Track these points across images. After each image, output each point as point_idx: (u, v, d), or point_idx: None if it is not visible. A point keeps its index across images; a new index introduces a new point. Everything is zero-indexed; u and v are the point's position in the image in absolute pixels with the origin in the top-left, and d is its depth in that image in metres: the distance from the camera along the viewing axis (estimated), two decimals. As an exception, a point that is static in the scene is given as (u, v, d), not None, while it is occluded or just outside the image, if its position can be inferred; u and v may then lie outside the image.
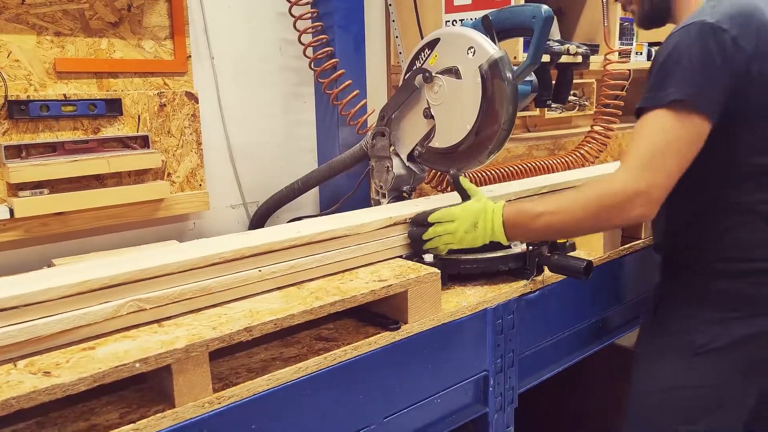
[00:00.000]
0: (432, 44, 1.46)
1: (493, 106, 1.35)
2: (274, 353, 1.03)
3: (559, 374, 1.52)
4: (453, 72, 1.41)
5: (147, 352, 0.83)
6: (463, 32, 1.41)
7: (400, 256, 1.27)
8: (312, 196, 2.01)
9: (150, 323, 0.93)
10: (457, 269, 1.32)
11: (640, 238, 1.66)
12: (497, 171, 1.85)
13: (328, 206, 1.91)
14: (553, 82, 2.20)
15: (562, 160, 1.97)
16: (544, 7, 1.35)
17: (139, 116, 1.64)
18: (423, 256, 1.27)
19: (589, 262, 1.26)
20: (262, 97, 1.95)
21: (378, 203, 1.64)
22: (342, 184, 1.86)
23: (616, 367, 1.92)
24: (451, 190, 1.79)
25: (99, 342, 0.87)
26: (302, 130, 2.02)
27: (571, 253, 1.55)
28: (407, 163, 1.56)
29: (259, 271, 1.04)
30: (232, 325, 0.92)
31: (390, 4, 2.18)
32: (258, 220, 1.91)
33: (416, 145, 1.52)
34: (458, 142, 1.42)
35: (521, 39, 1.86)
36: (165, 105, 1.67)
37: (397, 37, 2.18)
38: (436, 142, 1.47)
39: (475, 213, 1.23)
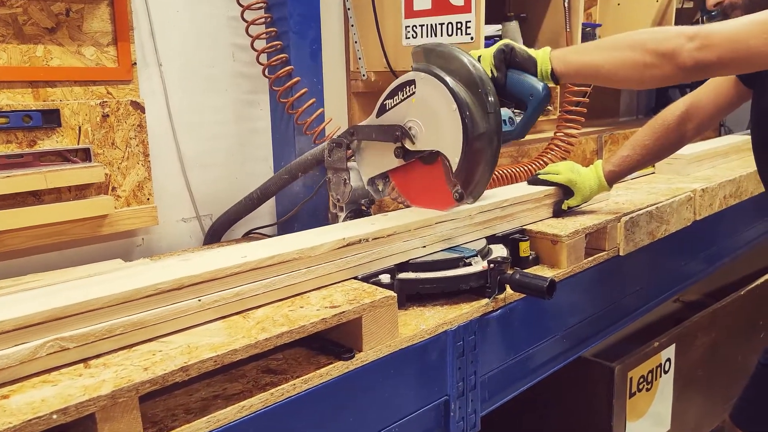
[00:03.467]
0: (410, 84, 1.33)
1: (473, 168, 1.28)
2: (217, 389, 0.95)
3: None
4: (432, 118, 1.31)
5: (67, 401, 0.74)
6: (441, 76, 1.29)
7: (356, 277, 1.20)
8: (268, 206, 1.93)
9: (75, 363, 0.85)
10: (415, 290, 1.26)
11: (604, 250, 1.63)
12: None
13: (284, 215, 1.84)
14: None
15: (526, 168, 1.93)
16: (542, 86, 1.27)
17: (79, 127, 1.54)
18: (379, 277, 1.21)
19: (552, 281, 1.22)
20: (215, 104, 1.86)
21: (336, 217, 1.57)
22: (299, 194, 1.78)
23: (581, 379, 1.89)
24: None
25: (14, 389, 0.79)
26: (257, 139, 1.94)
27: (534, 268, 1.52)
28: (366, 187, 1.49)
29: (199, 300, 0.96)
30: (166, 365, 0.84)
31: (349, 9, 2.12)
32: (215, 234, 1.83)
33: (380, 175, 1.46)
34: None
35: (482, 47, 1.81)
36: (108, 115, 1.58)
37: (356, 42, 2.12)
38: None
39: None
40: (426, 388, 1.19)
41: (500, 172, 1.92)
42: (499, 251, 1.43)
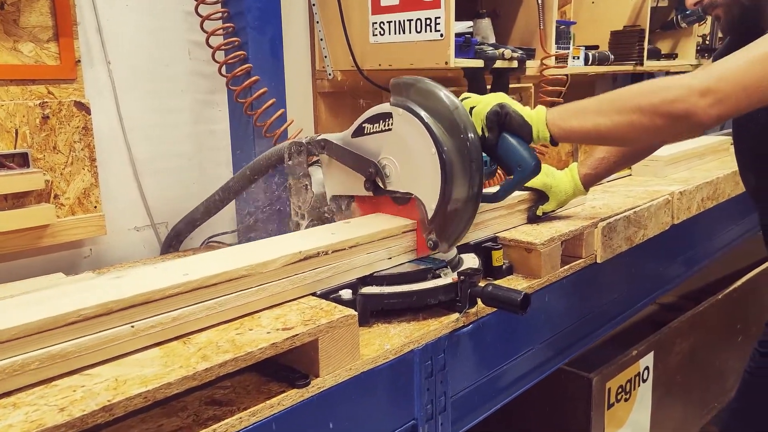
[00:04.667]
0: (385, 116, 1.23)
1: (449, 222, 1.19)
2: (151, 426, 0.85)
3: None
4: (407, 153, 1.21)
5: (-38, 453, 0.64)
6: (420, 114, 1.17)
7: (314, 294, 1.10)
8: (229, 212, 1.82)
9: (-18, 403, 0.74)
10: (380, 305, 1.17)
11: (581, 257, 1.55)
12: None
13: (245, 222, 1.73)
14: (489, 87, 2.08)
15: (499, 172, 1.84)
16: (533, 163, 1.20)
17: (16, 130, 1.41)
18: (340, 292, 1.11)
19: (526, 295, 1.13)
20: (170, 105, 1.75)
21: (297, 225, 1.47)
22: (260, 199, 1.68)
23: (558, 390, 1.81)
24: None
25: None
26: (216, 141, 1.83)
27: (508, 277, 1.44)
28: (329, 202, 1.39)
29: (132, 327, 0.86)
30: (87, 404, 0.73)
31: (314, 4, 2.02)
32: (173, 242, 1.71)
33: (345, 196, 1.36)
34: None
35: (452, 45, 1.72)
36: (49, 117, 1.46)
37: (322, 39, 2.02)
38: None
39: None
40: (391, 412, 1.10)
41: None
42: (471, 261, 1.34)
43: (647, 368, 2.02)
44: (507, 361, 1.37)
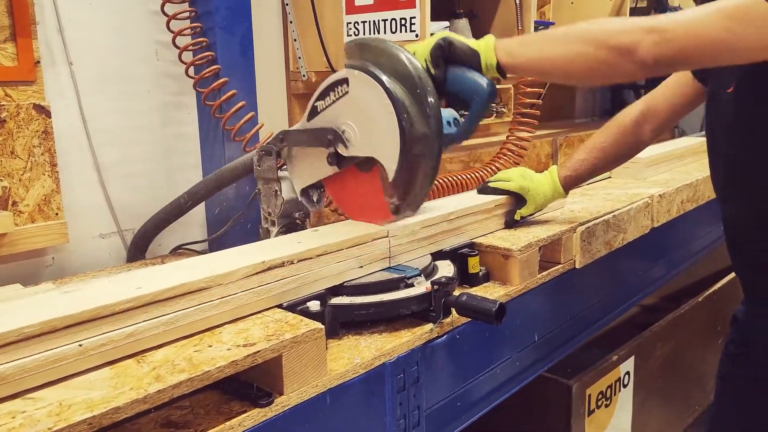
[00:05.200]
0: (341, 83, 1.19)
1: (412, 177, 1.14)
2: (101, 453, 0.79)
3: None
4: (368, 120, 1.17)
5: None
6: (378, 75, 1.13)
7: (280, 305, 1.05)
8: (200, 218, 1.77)
9: None
10: (350, 317, 1.12)
11: (559, 263, 1.52)
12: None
13: (215, 229, 1.67)
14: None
15: (476, 175, 1.81)
16: (486, 82, 1.14)
17: (-30, 134, 1.35)
18: (307, 304, 1.06)
19: (501, 305, 1.09)
20: (136, 107, 1.69)
21: (267, 232, 1.42)
22: (231, 207, 1.62)
23: (537, 397, 1.78)
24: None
25: None
26: (186, 145, 1.77)
27: (485, 285, 1.40)
28: (300, 198, 1.35)
29: (80, 345, 0.80)
30: (25, 432, 0.68)
31: (287, 4, 1.97)
32: (138, 248, 1.65)
33: (313, 184, 1.31)
34: None
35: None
36: (6, 120, 1.39)
37: (295, 40, 1.97)
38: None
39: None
40: (362, 430, 1.05)
41: (451, 178, 1.79)
42: (446, 269, 1.30)
43: (628, 373, 1.99)
44: (484, 372, 1.33)
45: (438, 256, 1.35)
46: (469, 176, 1.81)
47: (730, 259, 1.43)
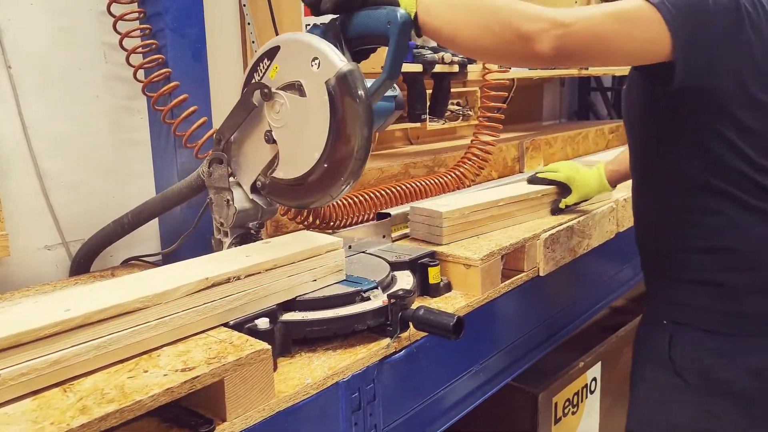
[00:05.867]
0: (272, 53, 1.20)
1: (345, 129, 1.11)
2: (20, 493, 0.73)
3: None
4: (296, 88, 1.16)
5: None
6: (305, 40, 1.15)
7: (227, 324, 0.99)
8: (153, 229, 1.69)
9: None
10: (302, 333, 1.07)
11: (523, 271, 1.49)
12: (363, 196, 1.61)
13: (169, 241, 1.60)
14: (429, 91, 2.01)
15: (438, 180, 1.77)
16: (401, 11, 1.11)
17: None
18: (256, 322, 1.01)
19: (459, 319, 1.05)
20: (83, 113, 1.61)
21: (220, 243, 1.36)
22: (185, 217, 1.55)
23: (503, 407, 1.74)
24: (313, 227, 1.55)
25: None
26: (137, 151, 1.69)
27: (446, 295, 1.36)
28: (251, 196, 1.29)
29: (-4, 376, 0.74)
30: (-74, 478, 0.61)
31: (245, 5, 1.90)
32: (81, 264, 1.57)
33: (259, 174, 1.26)
34: (306, 172, 1.17)
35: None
36: (-63, 127, 1.31)
37: (253, 42, 1.91)
38: (281, 172, 1.21)
39: None
40: (314, 453, 1.00)
41: (416, 184, 1.75)
42: (405, 280, 1.26)
43: (594, 379, 1.98)
44: (446, 385, 1.29)
45: (398, 266, 1.31)
46: (433, 181, 1.77)
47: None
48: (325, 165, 1.14)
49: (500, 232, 1.54)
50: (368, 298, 1.14)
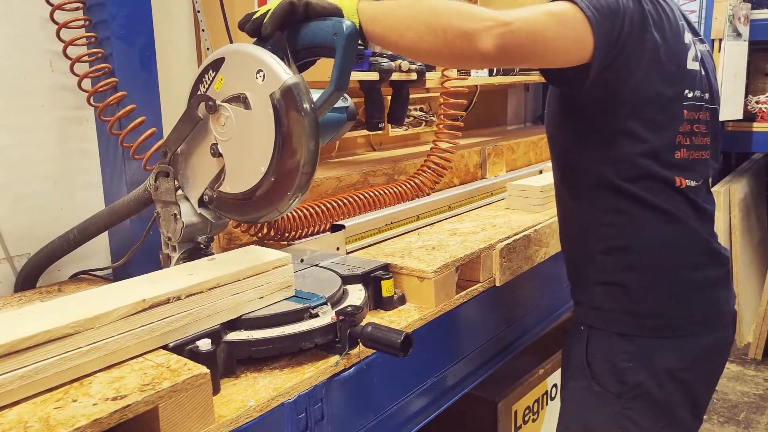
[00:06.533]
0: (216, 65, 1.17)
1: (290, 143, 1.09)
2: None
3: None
4: (242, 100, 1.13)
5: None
6: (250, 52, 1.13)
7: (166, 346, 0.97)
8: (103, 241, 1.65)
9: None
10: (247, 353, 1.04)
11: (479, 281, 1.48)
12: (319, 207, 1.59)
13: (119, 255, 1.56)
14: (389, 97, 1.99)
15: (394, 190, 1.75)
16: (347, 22, 1.10)
17: None
18: (197, 343, 0.98)
19: (407, 337, 1.04)
20: (29, 123, 1.56)
21: (168, 258, 1.32)
22: (135, 230, 1.51)
23: (463, 415, 1.74)
24: (267, 239, 1.53)
25: None
26: (87, 162, 1.65)
27: (400, 308, 1.34)
28: (199, 210, 1.26)
29: None
30: None
31: (198, 11, 1.86)
32: (26, 279, 1.52)
33: (206, 188, 1.23)
34: (252, 186, 1.14)
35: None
36: None
37: (208, 48, 1.87)
38: (228, 186, 1.19)
39: None
40: (259, 477, 0.98)
41: (372, 194, 1.73)
42: (356, 294, 1.24)
43: (555, 386, 1.98)
44: (400, 399, 1.28)
45: (350, 280, 1.29)
46: (389, 191, 1.75)
47: None
48: (272, 179, 1.12)
49: (458, 243, 1.53)
50: (316, 315, 1.12)
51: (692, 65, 1.22)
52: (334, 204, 1.57)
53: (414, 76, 1.88)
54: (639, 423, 1.20)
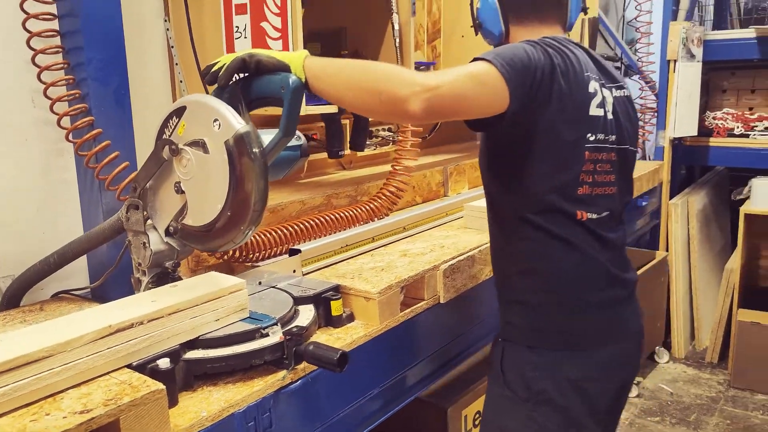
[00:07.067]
0: (179, 112, 1.32)
1: (243, 184, 1.24)
2: None
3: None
4: (201, 145, 1.28)
5: None
6: (208, 102, 1.28)
7: (130, 365, 1.11)
8: (82, 263, 1.79)
9: None
10: (203, 370, 1.19)
11: (423, 299, 1.63)
12: (281, 231, 1.74)
13: (97, 276, 1.71)
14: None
15: (350, 214, 1.90)
16: (293, 78, 1.26)
17: None
18: (157, 362, 1.13)
19: (343, 354, 1.19)
20: (14, 156, 1.70)
21: (138, 282, 1.47)
22: (110, 254, 1.66)
23: (414, 420, 1.89)
24: (233, 261, 1.67)
25: None
26: (67, 191, 1.79)
27: (348, 325, 1.49)
28: (165, 239, 1.41)
29: None
30: None
31: (172, 47, 2.01)
32: (10, 300, 1.66)
33: (171, 220, 1.38)
34: (211, 220, 1.29)
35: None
36: None
37: (181, 81, 2.02)
38: (190, 220, 1.33)
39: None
40: (212, 479, 1.13)
41: (330, 217, 1.88)
42: (306, 314, 1.39)
43: (506, 392, 2.13)
44: (345, 408, 1.43)
45: (302, 300, 1.44)
46: (346, 214, 1.90)
47: None
48: (228, 214, 1.27)
49: (406, 264, 1.68)
50: (267, 335, 1.26)
51: (595, 111, 1.37)
52: (292, 229, 1.72)
53: (372, 106, 2.02)
54: (544, 425, 1.36)
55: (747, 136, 3.53)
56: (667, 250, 3.53)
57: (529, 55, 1.30)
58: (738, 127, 3.57)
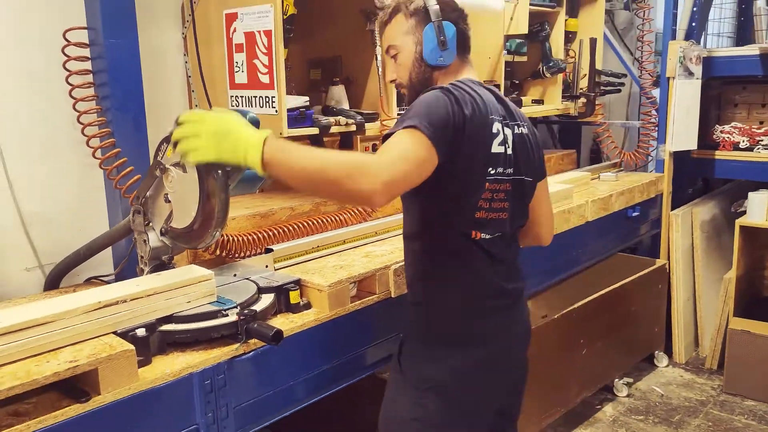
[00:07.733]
0: (168, 139, 1.68)
1: (209, 198, 1.58)
2: (-38, 432, 1.23)
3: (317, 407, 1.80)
4: (180, 166, 1.64)
5: None
6: None
7: (115, 332, 1.48)
8: (109, 254, 2.21)
9: None
10: (172, 339, 1.55)
11: (375, 293, 1.94)
12: (257, 234, 2.09)
13: (119, 265, 2.12)
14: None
15: (322, 221, 2.22)
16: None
17: None
18: (136, 331, 1.50)
19: (278, 331, 1.52)
20: (57, 168, 2.14)
21: (142, 271, 1.85)
22: (128, 247, 2.06)
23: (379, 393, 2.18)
24: (222, 256, 2.03)
25: None
26: (97, 196, 2.21)
27: (304, 312, 1.82)
28: (161, 238, 1.79)
29: (-49, 362, 1.24)
30: None
31: (190, 76, 2.41)
32: (52, 282, 2.10)
33: (163, 223, 1.75)
34: (189, 224, 1.65)
35: (285, 118, 2.11)
36: (-57, 186, 1.83)
37: (197, 105, 2.41)
38: (175, 223, 1.70)
39: (230, 122, 1.39)
40: (174, 420, 1.48)
41: (306, 223, 2.20)
42: (265, 301, 1.73)
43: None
44: (297, 379, 1.75)
45: (266, 290, 1.78)
46: (318, 221, 2.22)
47: None
48: (201, 219, 1.63)
49: (363, 264, 1.99)
50: (226, 315, 1.61)
51: (497, 149, 1.58)
52: (269, 232, 2.07)
53: (353, 127, 2.34)
54: (430, 408, 1.60)
55: (752, 149, 3.62)
56: (668, 259, 3.66)
57: (447, 110, 1.48)
58: (744, 141, 3.65)
